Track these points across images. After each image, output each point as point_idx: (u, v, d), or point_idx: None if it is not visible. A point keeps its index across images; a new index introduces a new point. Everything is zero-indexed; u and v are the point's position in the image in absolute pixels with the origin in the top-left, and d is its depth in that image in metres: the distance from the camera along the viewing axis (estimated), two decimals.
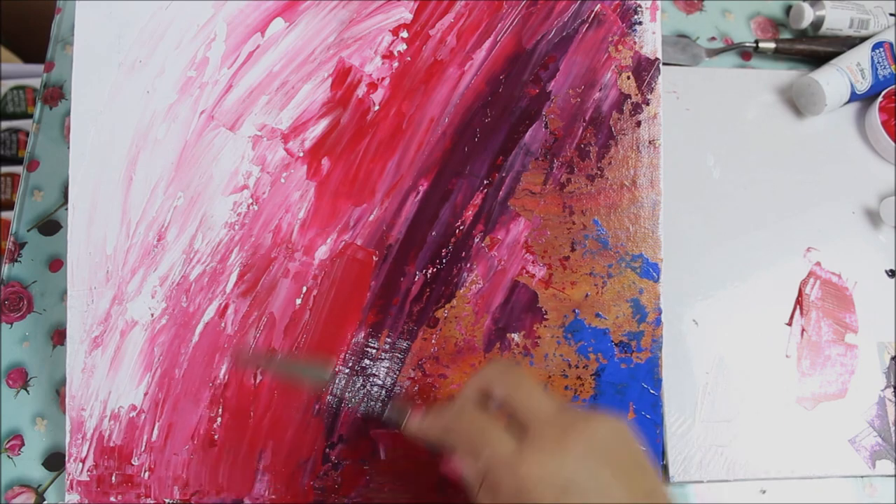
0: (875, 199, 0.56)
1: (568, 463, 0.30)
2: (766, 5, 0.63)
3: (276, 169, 0.42)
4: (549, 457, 0.30)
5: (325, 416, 0.42)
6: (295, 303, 0.42)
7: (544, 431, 0.31)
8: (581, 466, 0.30)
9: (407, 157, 0.43)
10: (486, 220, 0.43)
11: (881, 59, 0.57)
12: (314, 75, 0.42)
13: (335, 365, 0.41)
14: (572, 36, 0.44)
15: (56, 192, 0.52)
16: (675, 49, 0.59)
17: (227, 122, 0.42)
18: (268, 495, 0.41)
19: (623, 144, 0.44)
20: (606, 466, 0.30)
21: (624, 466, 0.31)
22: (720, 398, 0.50)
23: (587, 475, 0.30)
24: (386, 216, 0.42)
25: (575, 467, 0.30)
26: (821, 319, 0.53)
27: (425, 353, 0.42)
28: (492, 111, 0.43)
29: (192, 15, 0.41)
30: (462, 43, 0.43)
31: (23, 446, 0.46)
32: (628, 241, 0.44)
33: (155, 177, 0.41)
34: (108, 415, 0.41)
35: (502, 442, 0.31)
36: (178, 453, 0.41)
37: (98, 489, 0.41)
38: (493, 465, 0.31)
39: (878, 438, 0.50)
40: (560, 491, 0.29)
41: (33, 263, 0.50)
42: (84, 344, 0.41)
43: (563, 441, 0.30)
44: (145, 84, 0.41)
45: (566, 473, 0.29)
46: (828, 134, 0.58)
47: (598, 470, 0.30)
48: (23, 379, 0.48)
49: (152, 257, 0.41)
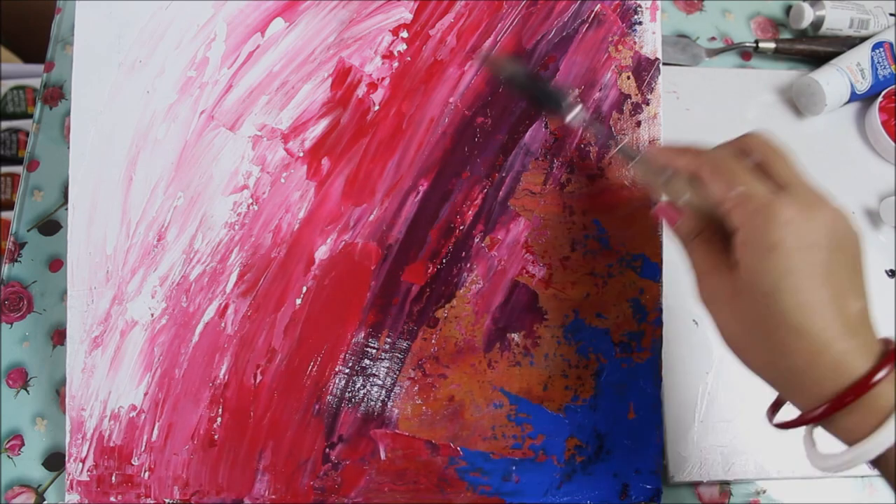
0: (875, 199, 0.56)
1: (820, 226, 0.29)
2: (766, 5, 0.63)
3: (276, 169, 0.42)
4: (804, 211, 0.29)
5: (325, 416, 0.42)
6: (295, 303, 0.42)
7: (805, 193, 0.30)
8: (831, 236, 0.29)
9: (407, 157, 0.43)
10: (486, 220, 0.43)
11: (881, 59, 0.57)
12: (314, 75, 0.42)
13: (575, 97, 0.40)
14: (572, 36, 0.44)
15: (56, 192, 0.52)
16: (675, 49, 0.59)
17: (227, 122, 0.42)
18: (268, 495, 0.41)
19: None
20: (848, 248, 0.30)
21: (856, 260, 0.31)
22: (720, 398, 0.50)
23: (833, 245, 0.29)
24: (386, 216, 0.42)
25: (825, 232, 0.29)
26: None
27: (425, 353, 0.42)
28: (492, 111, 0.43)
29: (192, 15, 0.41)
30: (462, 43, 0.43)
31: (23, 446, 0.46)
32: (628, 241, 0.44)
33: (155, 177, 0.41)
34: (108, 415, 0.41)
35: (759, 182, 0.31)
36: (178, 453, 0.41)
37: (98, 489, 0.41)
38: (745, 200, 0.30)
39: None
40: (804, 243, 0.29)
41: (33, 263, 0.50)
42: (84, 344, 0.41)
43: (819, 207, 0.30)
44: (145, 84, 0.41)
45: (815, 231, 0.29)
46: (828, 134, 0.58)
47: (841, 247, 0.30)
48: (23, 379, 0.48)
49: (152, 257, 0.41)
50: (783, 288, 0.29)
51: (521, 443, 0.43)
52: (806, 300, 0.29)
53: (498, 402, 0.43)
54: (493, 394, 0.43)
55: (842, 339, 0.29)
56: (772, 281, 0.29)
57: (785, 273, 0.29)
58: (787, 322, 0.29)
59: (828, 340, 0.29)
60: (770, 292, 0.29)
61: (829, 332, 0.29)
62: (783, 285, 0.29)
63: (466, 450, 0.42)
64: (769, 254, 0.29)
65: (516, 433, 0.43)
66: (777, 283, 0.29)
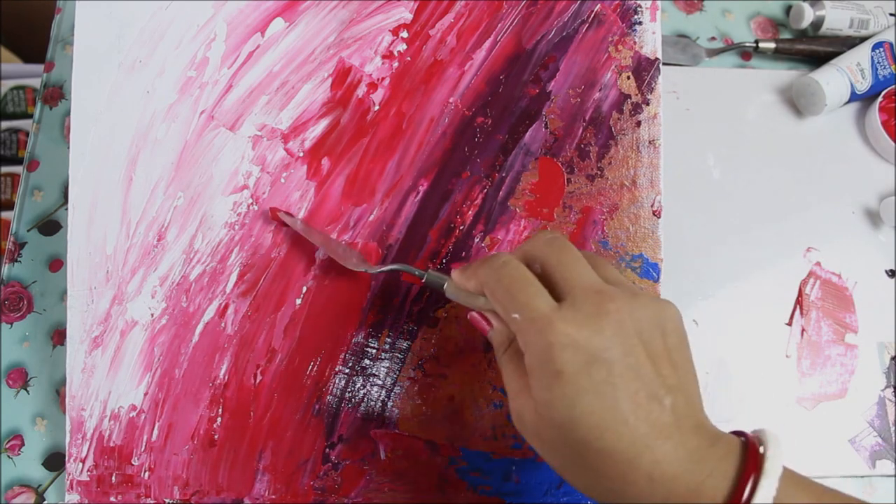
0: (875, 199, 0.56)
1: (602, 334, 0.28)
2: (766, 5, 0.63)
3: (276, 169, 0.42)
4: (584, 324, 0.28)
5: (325, 416, 0.42)
6: (295, 303, 0.42)
7: (584, 299, 0.29)
8: (615, 342, 0.28)
9: (407, 157, 0.43)
10: (486, 220, 0.43)
11: (881, 59, 0.57)
12: (314, 75, 0.42)
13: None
14: (572, 36, 0.44)
15: (56, 192, 0.52)
16: (675, 49, 0.59)
17: (227, 122, 0.42)
18: (268, 495, 0.41)
19: (623, 144, 0.44)
20: (641, 347, 0.28)
21: (659, 353, 0.29)
22: (720, 398, 0.50)
23: (619, 352, 0.28)
24: (386, 216, 0.42)
25: (608, 340, 0.28)
26: (821, 319, 0.53)
27: (425, 353, 0.42)
28: (492, 111, 0.43)
29: (192, 15, 0.41)
30: (462, 43, 0.43)
31: (23, 446, 0.46)
32: (628, 241, 0.44)
33: (155, 177, 0.41)
34: (108, 415, 0.41)
35: (541, 300, 0.29)
36: (178, 453, 0.41)
37: (98, 489, 0.41)
38: (525, 323, 0.29)
39: (878, 438, 0.50)
40: (587, 361, 0.27)
41: (33, 263, 0.50)
42: (84, 344, 0.41)
43: (601, 312, 0.28)
44: (145, 84, 0.41)
45: (597, 344, 0.28)
46: (828, 134, 0.58)
47: (631, 349, 0.28)
48: (23, 379, 0.48)
49: (152, 257, 0.41)
50: (576, 416, 0.27)
51: (520, 443, 0.43)
52: (601, 422, 0.27)
53: (498, 402, 0.43)
54: (493, 394, 0.43)
55: (651, 450, 0.27)
56: (564, 410, 0.28)
57: (574, 400, 0.27)
58: (590, 447, 0.28)
59: (635, 456, 0.27)
60: (564, 422, 0.28)
61: (634, 447, 0.27)
62: (576, 413, 0.27)
63: (466, 450, 0.42)
64: (555, 382, 0.28)
65: (516, 433, 0.43)
66: (569, 412, 0.28)
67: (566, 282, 0.30)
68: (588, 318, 0.28)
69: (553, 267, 0.31)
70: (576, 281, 0.30)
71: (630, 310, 0.29)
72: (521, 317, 0.30)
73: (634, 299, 0.29)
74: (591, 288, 0.30)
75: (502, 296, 0.31)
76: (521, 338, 0.30)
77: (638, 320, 0.29)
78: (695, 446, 0.28)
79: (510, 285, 0.31)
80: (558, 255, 0.31)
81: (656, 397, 0.28)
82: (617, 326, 0.28)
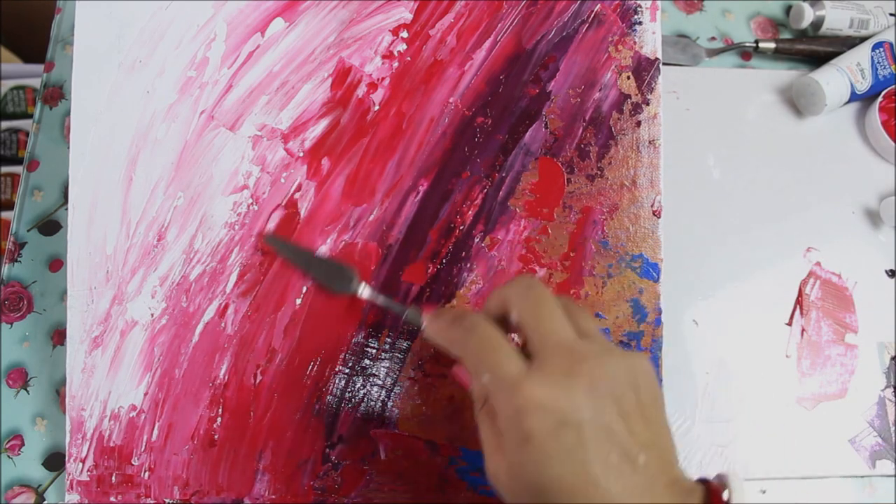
0: (875, 199, 0.56)
1: (572, 395, 0.27)
2: (766, 5, 0.63)
3: (276, 169, 0.42)
4: (553, 386, 0.28)
5: (325, 416, 0.42)
6: (295, 303, 0.42)
7: (554, 359, 0.29)
8: (585, 403, 0.27)
9: (407, 157, 0.43)
10: (486, 220, 0.43)
11: (881, 59, 0.57)
12: (314, 75, 0.42)
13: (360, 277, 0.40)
14: (572, 36, 0.44)
15: (56, 192, 0.52)
16: (675, 49, 0.59)
17: (227, 122, 0.42)
18: (268, 495, 0.41)
19: (623, 144, 0.44)
20: (612, 406, 0.28)
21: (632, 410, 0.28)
22: (720, 398, 0.50)
23: (590, 413, 0.27)
24: (386, 216, 0.42)
25: (578, 402, 0.27)
26: (821, 319, 0.53)
27: (425, 353, 0.42)
28: (492, 111, 0.43)
29: (192, 15, 0.41)
30: (462, 43, 0.43)
31: (23, 446, 0.46)
32: (628, 241, 0.44)
33: (155, 177, 0.41)
34: (108, 415, 0.41)
35: (510, 362, 0.29)
36: (178, 453, 0.41)
37: (98, 489, 0.41)
38: (494, 386, 0.29)
39: (878, 438, 0.50)
40: (557, 423, 0.27)
41: (33, 263, 0.50)
42: (84, 344, 0.41)
43: (571, 372, 0.28)
44: (145, 84, 0.41)
45: (566, 406, 0.27)
46: (828, 134, 0.58)
47: (602, 409, 0.28)
48: (23, 379, 0.48)
49: (152, 257, 0.41)
50: (545, 480, 0.27)
51: None
52: (571, 486, 0.27)
53: None
54: None
55: None
56: (534, 474, 0.27)
57: (544, 464, 0.27)
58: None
59: None
60: (534, 485, 0.28)
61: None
62: (545, 478, 0.27)
63: (466, 450, 0.42)
64: (525, 446, 0.27)
65: None
66: (539, 476, 0.27)
67: (539, 338, 0.30)
68: (558, 379, 0.28)
69: (526, 321, 0.31)
70: (548, 338, 0.30)
71: (602, 368, 0.28)
72: (489, 380, 0.29)
73: (606, 356, 0.29)
74: (562, 346, 0.29)
75: (471, 359, 0.31)
76: (492, 399, 0.30)
77: (610, 378, 0.28)
78: (678, 493, 0.28)
79: (478, 349, 0.30)
80: (533, 308, 0.31)
81: (629, 457, 0.28)
82: (588, 387, 0.28)
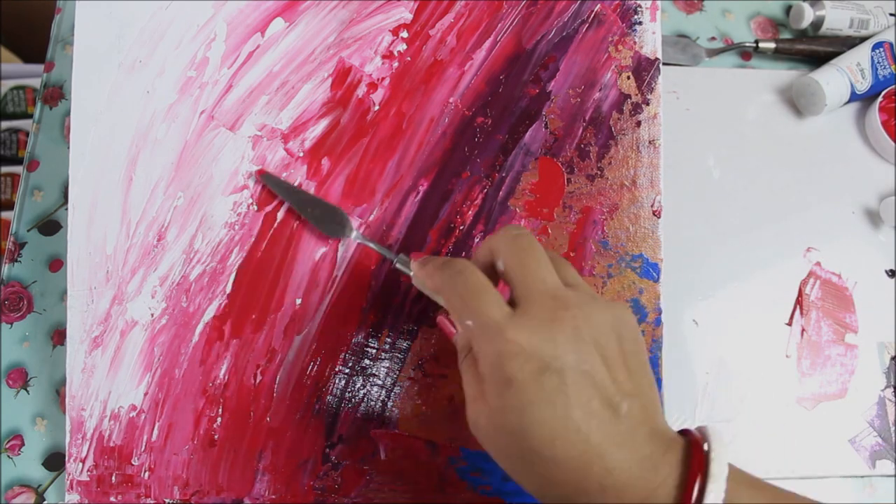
0: (875, 199, 0.56)
1: (555, 341, 0.27)
2: (766, 5, 0.63)
3: (276, 169, 0.42)
4: (536, 331, 0.27)
5: (325, 416, 0.42)
6: (295, 303, 0.42)
7: (538, 305, 0.28)
8: (568, 349, 0.27)
9: (407, 157, 0.43)
10: (487, 220, 0.43)
11: (881, 59, 0.57)
12: (314, 75, 0.42)
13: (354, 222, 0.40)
14: (572, 36, 0.44)
15: (56, 192, 0.52)
16: (675, 49, 0.59)
17: (227, 122, 0.42)
18: (268, 495, 0.41)
19: (623, 144, 0.44)
20: (596, 353, 0.28)
21: (615, 358, 0.28)
22: (720, 398, 0.50)
23: (572, 359, 0.27)
24: (386, 216, 0.42)
25: (561, 347, 0.27)
26: (821, 319, 0.53)
27: (425, 353, 0.42)
28: (492, 111, 0.43)
29: (192, 15, 0.41)
30: (462, 43, 0.43)
31: (23, 446, 0.46)
32: (628, 241, 0.44)
33: (155, 177, 0.41)
34: (108, 415, 0.41)
35: (494, 307, 0.29)
36: (178, 453, 0.41)
37: (98, 489, 0.41)
38: (477, 331, 0.29)
39: (878, 438, 0.50)
40: (538, 369, 0.27)
41: (33, 263, 0.50)
42: (84, 344, 0.41)
43: (555, 318, 0.28)
44: (145, 84, 0.41)
45: (549, 351, 0.27)
46: (828, 134, 0.58)
47: (585, 356, 0.27)
48: (23, 379, 0.48)
49: (152, 257, 0.41)
50: (526, 424, 0.27)
51: None
52: (552, 431, 0.27)
53: None
54: None
55: (603, 459, 0.27)
56: (515, 419, 0.27)
57: (525, 408, 0.27)
58: (542, 455, 0.27)
59: (586, 464, 0.27)
60: (515, 429, 0.27)
61: (585, 456, 0.27)
62: (526, 422, 0.27)
63: (466, 450, 0.42)
64: (506, 390, 0.27)
65: None
66: (520, 420, 0.27)
67: (524, 285, 0.30)
68: (541, 324, 0.28)
69: (513, 268, 0.31)
70: (533, 285, 0.29)
71: (585, 315, 0.28)
72: (473, 324, 0.29)
73: (591, 304, 0.29)
74: (547, 293, 0.29)
75: (456, 303, 0.31)
76: (475, 345, 0.29)
77: (594, 326, 0.28)
78: (648, 454, 0.27)
79: (464, 293, 0.30)
80: (519, 256, 0.31)
81: (611, 404, 0.28)
82: (571, 333, 0.28)
